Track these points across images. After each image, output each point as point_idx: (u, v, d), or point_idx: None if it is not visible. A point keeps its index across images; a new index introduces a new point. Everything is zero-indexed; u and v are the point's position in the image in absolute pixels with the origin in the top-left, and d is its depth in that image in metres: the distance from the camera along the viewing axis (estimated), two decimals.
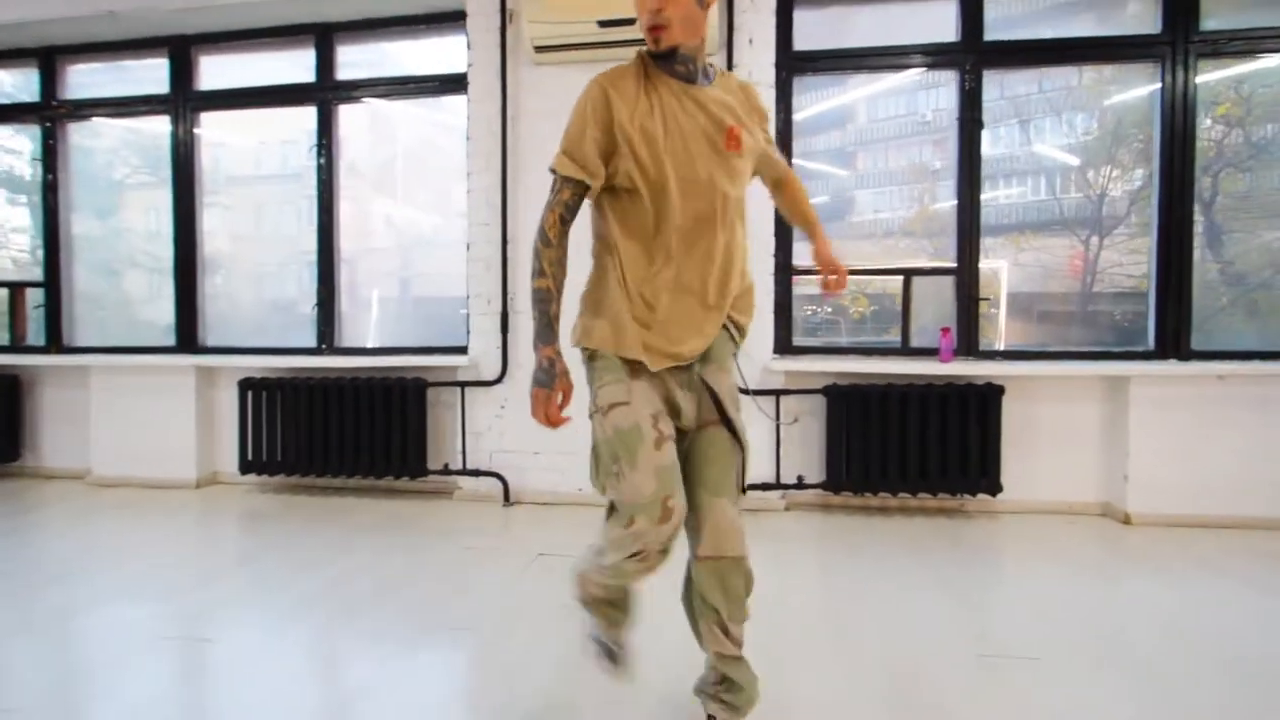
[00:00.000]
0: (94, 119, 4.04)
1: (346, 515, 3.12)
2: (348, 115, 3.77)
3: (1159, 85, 3.18)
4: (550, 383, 1.23)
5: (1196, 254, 3.17)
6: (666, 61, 1.29)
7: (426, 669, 1.74)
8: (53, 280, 4.04)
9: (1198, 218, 3.17)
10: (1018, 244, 3.47)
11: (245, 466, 3.47)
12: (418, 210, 3.99)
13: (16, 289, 4.11)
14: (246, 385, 3.48)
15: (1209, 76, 3.19)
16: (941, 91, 3.48)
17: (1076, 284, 3.44)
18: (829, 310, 3.68)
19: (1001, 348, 3.30)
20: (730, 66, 3.13)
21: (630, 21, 2.96)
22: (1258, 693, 1.61)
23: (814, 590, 2.29)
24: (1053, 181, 3.45)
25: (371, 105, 3.73)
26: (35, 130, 4.07)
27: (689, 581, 1.36)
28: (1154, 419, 2.96)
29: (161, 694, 1.62)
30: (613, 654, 1.41)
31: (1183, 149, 3.16)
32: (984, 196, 3.28)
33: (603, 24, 2.98)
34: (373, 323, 3.85)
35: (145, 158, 4.11)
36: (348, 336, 3.76)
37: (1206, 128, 3.23)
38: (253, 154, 4.07)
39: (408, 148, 3.95)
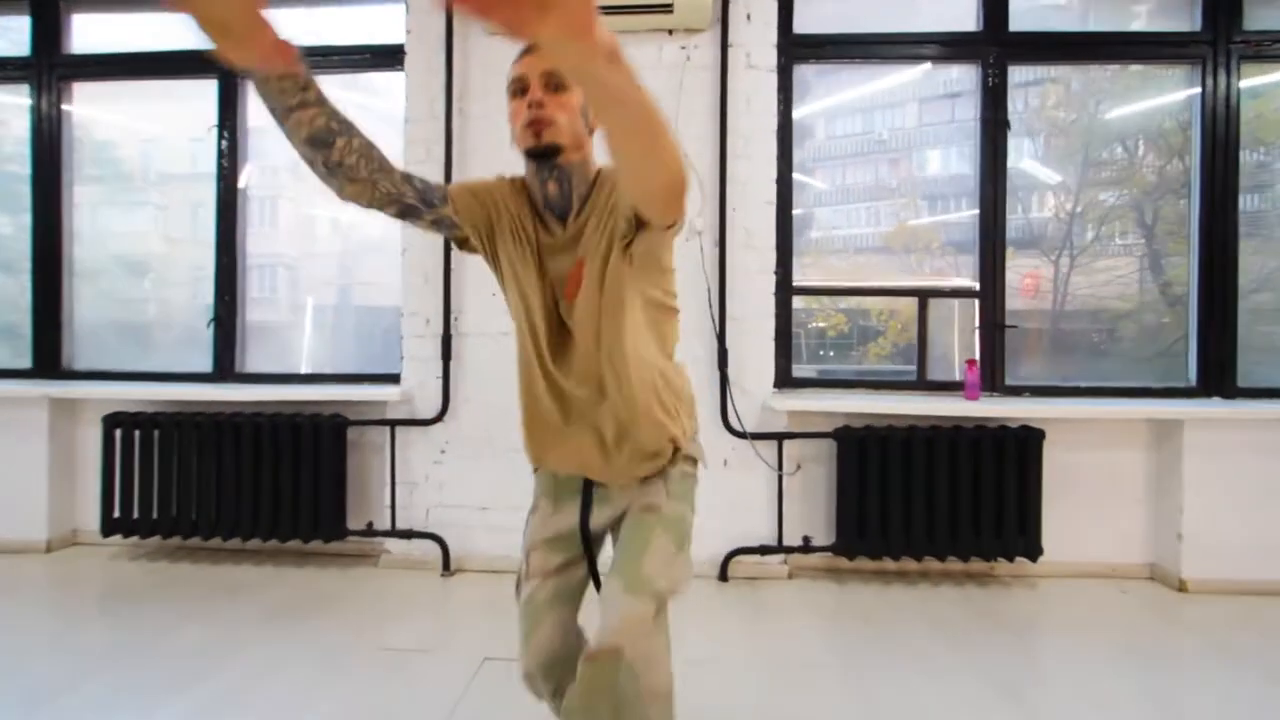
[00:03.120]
0: None
1: (239, 593, 2.43)
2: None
3: (1198, 89, 2.83)
4: None
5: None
6: (542, 167, 1.04)
7: None
8: None
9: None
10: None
11: (109, 526, 2.73)
12: (329, 208, 3.30)
13: None
14: (113, 422, 2.75)
15: (1252, 81, 2.85)
16: (898, 111, 3.09)
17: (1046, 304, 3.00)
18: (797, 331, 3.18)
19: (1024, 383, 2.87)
20: (725, 46, 2.62)
21: None
22: None
23: (826, 676, 1.76)
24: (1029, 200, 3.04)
25: None
26: None
27: None
28: (1209, 468, 2.56)
29: None
30: None
31: (1224, 160, 2.81)
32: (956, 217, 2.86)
33: None
34: (306, 341, 3.16)
35: None
36: (253, 360, 3.07)
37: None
38: (151, 146, 3.32)
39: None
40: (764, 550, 2.59)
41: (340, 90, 3.14)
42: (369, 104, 3.18)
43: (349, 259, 3.26)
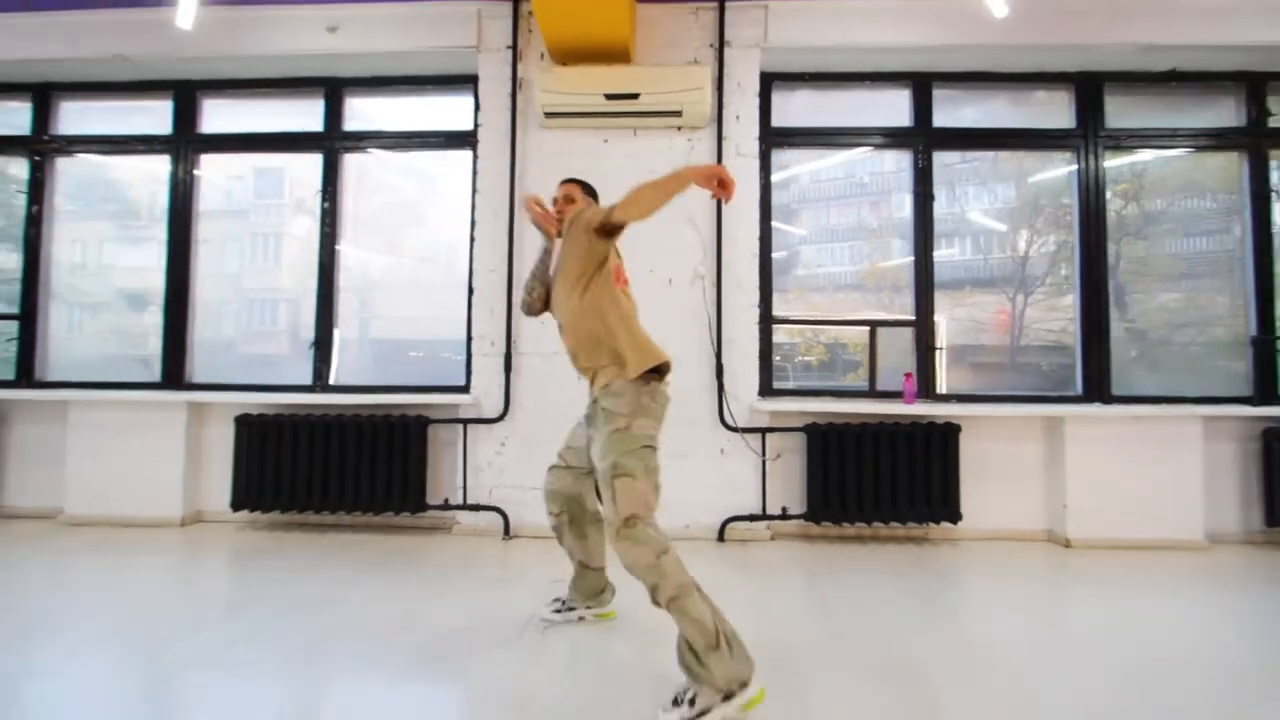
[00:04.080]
0: (86, 155, 4.06)
1: (345, 551, 3.17)
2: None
3: (1076, 168, 3.76)
4: None
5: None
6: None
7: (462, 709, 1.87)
8: (29, 313, 3.97)
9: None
10: (953, 299, 3.88)
11: (239, 502, 3.47)
12: (367, 251, 4.07)
13: None
14: (244, 422, 3.51)
15: (1115, 162, 3.79)
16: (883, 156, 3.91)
17: (1005, 337, 3.86)
18: (778, 359, 3.97)
19: (953, 392, 3.71)
20: (720, 139, 3.51)
21: (633, 96, 3.32)
22: (1185, 688, 1.94)
23: (800, 604, 2.53)
24: (980, 244, 3.91)
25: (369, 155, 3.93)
26: (23, 162, 4.05)
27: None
28: (1086, 455, 3.39)
29: None
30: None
31: (1096, 222, 3.72)
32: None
33: (609, 96, 3.32)
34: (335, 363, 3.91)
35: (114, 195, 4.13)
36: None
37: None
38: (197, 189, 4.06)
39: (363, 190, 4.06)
40: (752, 518, 3.38)
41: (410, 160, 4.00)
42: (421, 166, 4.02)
43: (356, 295, 3.99)
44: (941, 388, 3.71)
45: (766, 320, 3.65)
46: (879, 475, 3.35)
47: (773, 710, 1.69)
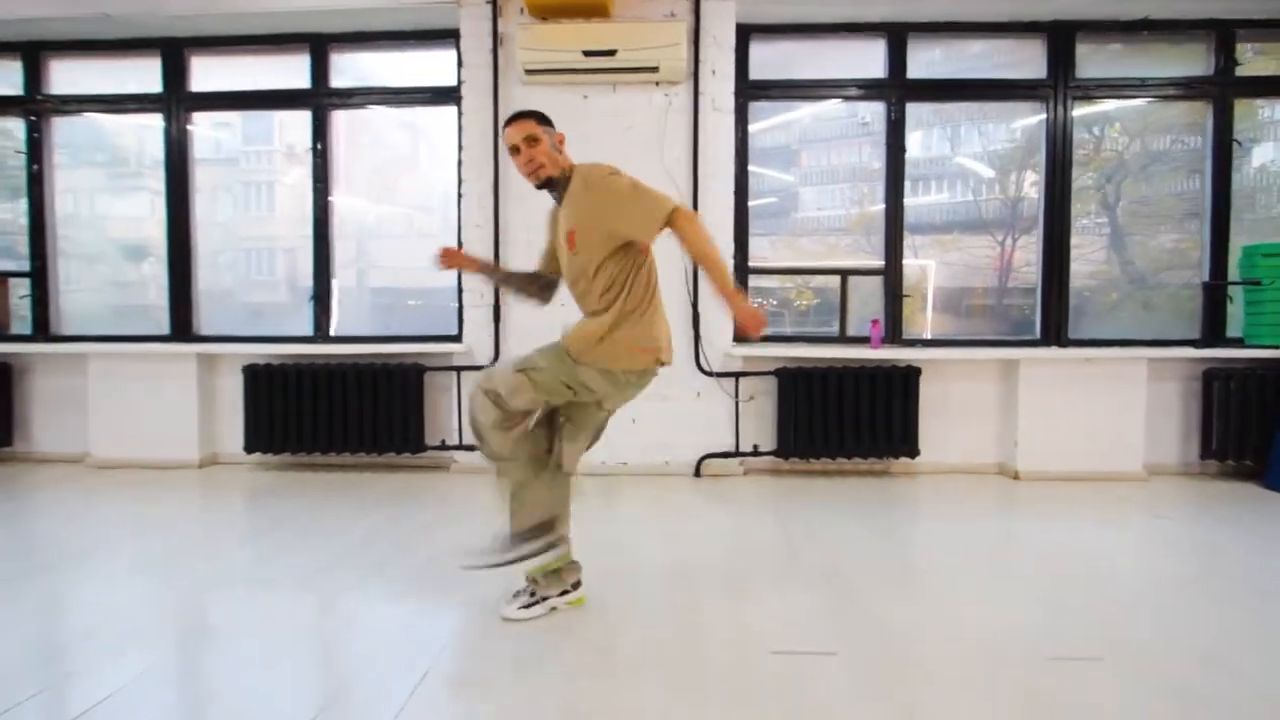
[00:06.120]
0: (83, 114, 4.16)
1: (353, 488, 3.45)
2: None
3: (1045, 118, 3.86)
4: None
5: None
6: (549, 189, 1.85)
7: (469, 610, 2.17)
8: (39, 269, 4.15)
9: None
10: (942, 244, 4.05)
11: (251, 445, 3.74)
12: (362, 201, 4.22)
13: None
14: (251, 371, 3.75)
15: (1085, 110, 3.89)
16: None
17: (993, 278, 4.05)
18: (774, 303, 4.20)
19: (926, 336, 3.94)
20: (696, 94, 3.61)
21: (611, 53, 3.41)
22: (1107, 598, 2.24)
23: (766, 529, 2.82)
24: (972, 187, 4.05)
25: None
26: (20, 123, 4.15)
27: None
28: (1038, 394, 3.63)
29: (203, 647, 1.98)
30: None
31: (1062, 173, 3.85)
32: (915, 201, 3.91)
33: (587, 53, 3.41)
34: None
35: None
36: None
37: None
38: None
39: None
40: (726, 455, 3.66)
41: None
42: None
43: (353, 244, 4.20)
44: (926, 332, 3.97)
45: (742, 270, 3.83)
46: (844, 415, 3.60)
47: (724, 617, 1.98)
